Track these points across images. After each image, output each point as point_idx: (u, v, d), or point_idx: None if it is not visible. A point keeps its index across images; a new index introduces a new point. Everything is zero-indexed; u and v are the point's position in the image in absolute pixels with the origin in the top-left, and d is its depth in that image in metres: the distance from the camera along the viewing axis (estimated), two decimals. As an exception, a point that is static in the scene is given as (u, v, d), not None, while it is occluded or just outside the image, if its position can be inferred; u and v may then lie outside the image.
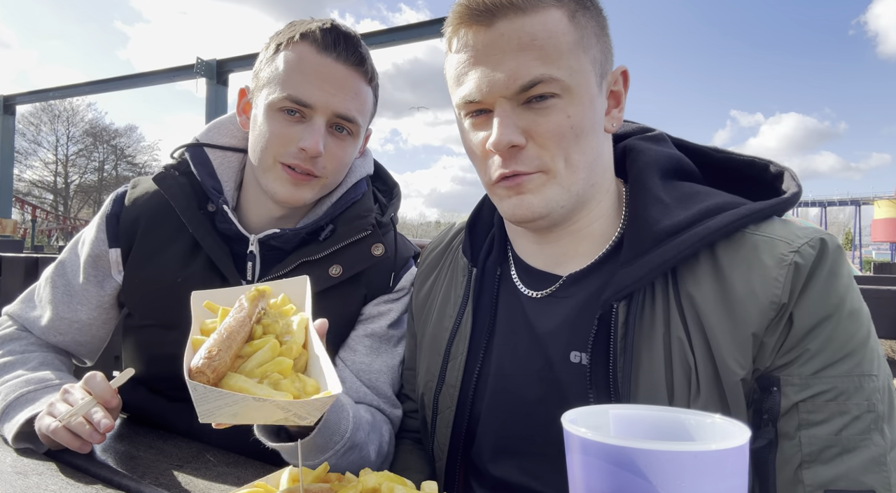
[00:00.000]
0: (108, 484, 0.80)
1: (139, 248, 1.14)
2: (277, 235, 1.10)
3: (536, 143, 0.77)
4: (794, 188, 0.80)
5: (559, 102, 0.75)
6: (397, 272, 1.15)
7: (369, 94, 1.10)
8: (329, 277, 1.09)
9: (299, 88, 1.02)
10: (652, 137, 0.91)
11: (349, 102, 1.05)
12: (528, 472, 0.85)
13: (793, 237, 0.73)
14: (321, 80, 1.03)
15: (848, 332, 0.70)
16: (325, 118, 1.04)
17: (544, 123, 0.76)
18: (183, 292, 1.04)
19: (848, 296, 0.71)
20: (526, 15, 0.74)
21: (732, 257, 0.74)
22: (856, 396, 0.68)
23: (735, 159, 0.88)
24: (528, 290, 0.89)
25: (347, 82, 1.05)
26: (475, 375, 0.90)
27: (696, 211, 0.77)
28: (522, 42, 0.74)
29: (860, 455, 0.67)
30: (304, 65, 1.03)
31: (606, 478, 0.42)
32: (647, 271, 0.75)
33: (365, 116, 1.10)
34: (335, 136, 1.07)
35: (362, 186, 1.19)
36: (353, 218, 1.13)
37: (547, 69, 0.74)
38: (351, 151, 1.11)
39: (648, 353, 0.74)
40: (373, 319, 1.15)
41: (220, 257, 1.10)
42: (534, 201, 0.79)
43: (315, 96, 1.02)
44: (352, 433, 0.89)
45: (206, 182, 1.13)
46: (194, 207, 1.12)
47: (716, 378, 0.71)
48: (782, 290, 0.70)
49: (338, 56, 1.03)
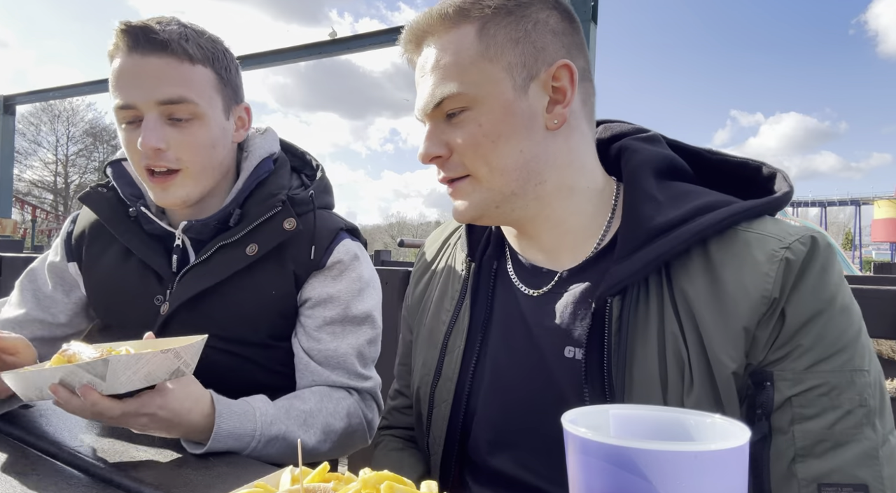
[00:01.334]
0: (108, 484, 0.80)
1: (86, 259, 1.26)
2: (190, 226, 1.17)
3: (458, 153, 0.84)
4: (785, 188, 0.81)
5: (470, 114, 0.81)
6: (321, 245, 1.19)
7: (199, 71, 1.10)
8: (247, 256, 1.16)
9: (121, 93, 1.07)
10: (646, 137, 0.92)
11: (169, 87, 1.07)
12: (523, 465, 0.86)
13: (784, 235, 0.74)
14: (135, 79, 1.07)
15: (839, 328, 0.71)
16: (153, 112, 1.07)
17: (460, 135, 0.82)
18: (125, 292, 1.21)
19: (839, 292, 0.72)
20: (441, 38, 0.82)
21: (724, 253, 0.75)
22: (848, 390, 0.69)
23: (728, 161, 0.90)
24: (523, 286, 0.91)
25: (161, 71, 1.07)
26: (472, 368, 0.91)
27: (688, 208, 0.78)
28: (433, 64, 0.83)
29: (852, 449, 0.68)
30: (120, 72, 1.08)
31: (606, 478, 0.42)
32: (640, 266, 0.76)
33: (202, 94, 1.10)
34: (175, 125, 1.10)
35: (267, 164, 1.24)
36: (264, 198, 1.19)
37: (448, 87, 0.81)
38: (203, 133, 1.12)
39: (643, 347, 0.76)
40: (325, 304, 1.19)
41: (149, 255, 1.19)
42: (462, 206, 0.86)
43: (133, 95, 1.07)
44: (262, 431, 0.99)
45: (124, 191, 1.23)
46: (122, 216, 1.22)
47: (708, 372, 0.72)
48: (773, 285, 0.71)
49: (143, 51, 1.06)
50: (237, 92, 1.20)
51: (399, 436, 1.08)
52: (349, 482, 0.62)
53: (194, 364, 0.90)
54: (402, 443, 1.06)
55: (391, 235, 50.74)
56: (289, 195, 1.20)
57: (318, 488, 0.62)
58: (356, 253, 1.23)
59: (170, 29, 1.07)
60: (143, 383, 0.83)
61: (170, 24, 1.09)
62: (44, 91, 7.18)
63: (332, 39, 5.42)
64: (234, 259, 1.15)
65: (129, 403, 0.84)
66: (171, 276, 1.19)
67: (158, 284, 1.19)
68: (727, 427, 0.48)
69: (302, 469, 0.63)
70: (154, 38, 1.05)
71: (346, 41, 5.63)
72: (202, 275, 1.16)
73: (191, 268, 1.17)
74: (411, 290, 1.09)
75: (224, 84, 1.15)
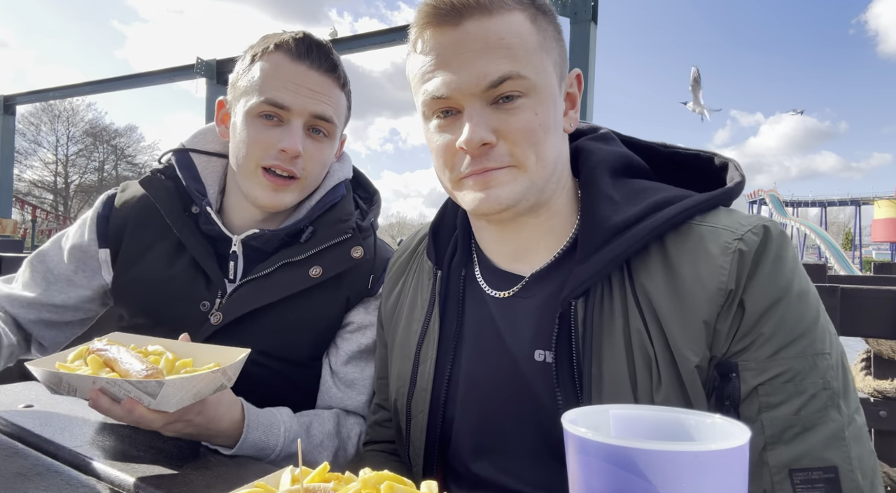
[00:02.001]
0: (108, 484, 0.80)
1: (127, 249, 1.19)
2: (258, 235, 1.15)
3: (507, 141, 0.79)
4: (737, 178, 0.83)
5: (527, 102, 0.78)
6: (376, 275, 1.20)
7: (343, 98, 1.16)
8: (309, 277, 1.14)
9: (276, 92, 1.07)
10: (601, 136, 0.93)
11: (324, 104, 1.10)
12: (504, 470, 0.86)
13: (737, 226, 0.75)
14: (297, 85, 1.08)
15: (798, 313, 0.72)
16: (302, 120, 1.09)
17: (514, 122, 0.78)
18: (169, 291, 1.16)
19: (795, 279, 0.73)
20: (492, 16, 0.77)
21: (680, 247, 0.76)
22: (811, 375, 0.70)
23: (681, 153, 0.92)
24: (492, 290, 0.90)
25: (322, 87, 1.11)
26: (446, 377, 0.91)
27: (644, 206, 0.79)
28: (490, 42, 0.76)
29: (819, 433, 0.69)
30: (279, 72, 1.08)
31: (606, 478, 0.42)
32: (600, 267, 0.77)
33: (340, 118, 1.16)
34: (312, 137, 1.12)
35: (341, 189, 1.23)
36: (335, 221, 1.18)
37: (515, 67, 0.76)
38: (328, 153, 1.16)
39: (610, 347, 0.77)
40: (363, 330, 1.20)
41: (204, 257, 1.15)
42: (501, 194, 0.81)
43: (291, 99, 1.08)
44: (284, 446, 1.02)
45: (189, 185, 1.18)
46: (179, 209, 1.18)
47: (674, 368, 0.73)
48: (728, 276, 0.72)
49: (311, 63, 1.09)
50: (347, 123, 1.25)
51: (382, 450, 1.08)
52: (349, 482, 0.62)
53: (235, 378, 0.90)
54: (384, 457, 1.06)
55: (391, 235, 50.74)
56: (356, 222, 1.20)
57: (318, 488, 0.62)
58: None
59: (335, 53, 1.14)
60: (192, 400, 0.84)
61: (328, 45, 1.14)
62: (44, 91, 7.18)
63: (332, 40, 5.41)
64: (297, 279, 1.13)
65: (171, 414, 0.85)
66: (222, 282, 1.15)
67: (207, 289, 1.15)
68: (727, 427, 0.48)
69: (302, 469, 0.63)
70: (329, 57, 1.11)
71: (347, 41, 5.64)
72: (261, 290, 1.13)
73: (249, 281, 1.14)
74: (384, 301, 1.08)
75: (348, 113, 1.21)
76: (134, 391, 0.80)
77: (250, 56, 1.13)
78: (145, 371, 0.82)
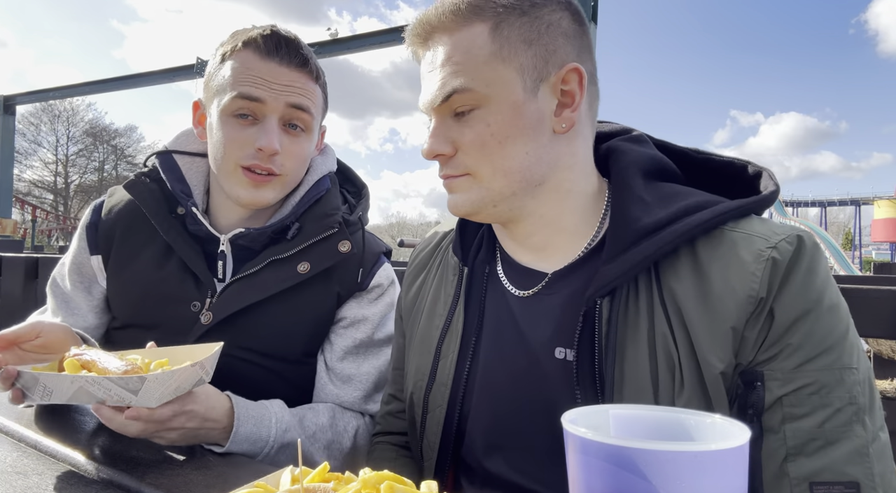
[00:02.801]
0: (107, 484, 0.80)
1: (117, 254, 1.21)
2: (244, 234, 1.15)
3: (463, 151, 0.83)
4: (771, 187, 0.82)
5: (479, 113, 0.81)
6: (366, 268, 1.20)
7: (318, 91, 1.15)
8: (298, 273, 1.14)
9: (248, 87, 1.07)
10: (634, 137, 0.93)
11: (300, 95, 1.10)
12: (517, 468, 0.86)
13: (770, 234, 0.74)
14: (268, 81, 1.08)
15: (828, 326, 0.71)
16: (277, 115, 1.09)
17: (467, 134, 0.82)
18: (160, 293, 1.17)
19: (826, 291, 0.73)
20: (452, 34, 0.81)
21: (711, 253, 0.76)
22: (837, 389, 0.69)
23: (714, 160, 0.91)
24: (514, 288, 0.91)
25: (295, 81, 1.10)
26: (465, 372, 0.91)
27: (675, 209, 0.79)
28: (443, 59, 0.82)
29: (843, 447, 0.68)
30: (250, 69, 1.07)
31: (606, 478, 0.42)
32: (628, 267, 0.77)
33: (317, 110, 1.15)
34: (289, 133, 1.12)
35: (325, 182, 1.23)
36: (321, 216, 1.18)
37: (458, 83, 0.80)
38: (307, 147, 1.15)
39: (633, 348, 0.76)
40: (357, 325, 1.20)
41: (192, 258, 1.16)
42: (458, 200, 0.86)
43: (264, 92, 1.07)
44: (276, 437, 1.02)
45: (174, 187, 1.18)
46: (165, 212, 1.18)
47: (698, 372, 0.73)
48: (759, 284, 0.71)
49: (281, 59, 1.08)
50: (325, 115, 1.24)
51: (392, 443, 1.08)
52: (349, 482, 0.62)
53: (212, 372, 0.91)
54: (394, 451, 1.06)
55: (391, 235, 50.74)
56: (343, 217, 1.20)
57: (318, 488, 0.62)
58: (393, 278, 1.26)
59: (305, 46, 1.13)
60: (173, 395, 0.85)
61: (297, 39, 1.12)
62: (44, 91, 7.19)
63: (332, 39, 5.41)
64: (285, 276, 1.14)
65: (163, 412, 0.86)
66: (211, 282, 1.16)
67: (197, 289, 1.16)
68: (727, 427, 0.48)
69: (302, 469, 0.63)
70: (299, 52, 1.10)
71: (346, 41, 5.65)
72: (250, 288, 1.13)
73: (238, 279, 1.14)
74: (404, 293, 1.09)
75: (325, 105, 1.20)
76: (115, 389, 0.80)
77: (220, 54, 1.12)
78: (125, 366, 0.83)
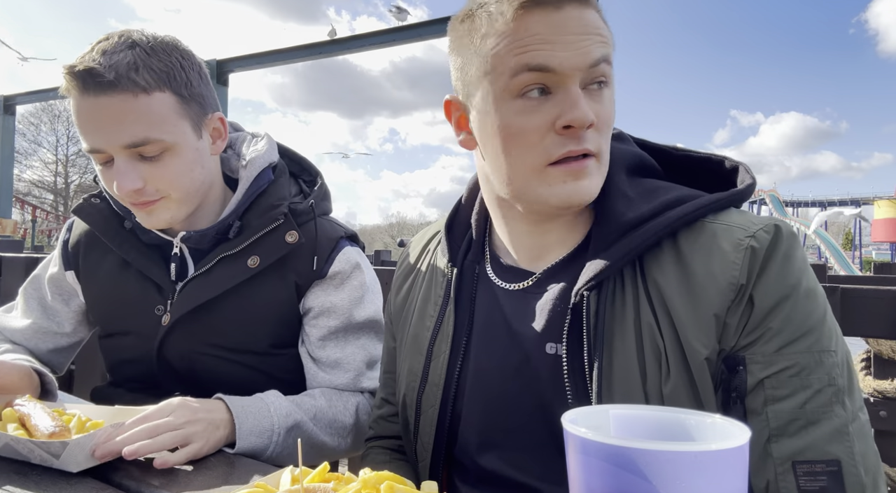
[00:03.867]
0: (107, 484, 0.80)
1: (84, 269, 1.26)
2: (188, 237, 1.16)
3: (597, 128, 0.79)
4: (748, 180, 0.85)
5: (607, 92, 0.80)
6: (321, 256, 1.19)
7: (157, 99, 1.03)
8: (248, 268, 1.15)
9: (85, 137, 1.05)
10: (615, 135, 0.93)
11: (129, 129, 1.02)
12: (511, 464, 0.87)
13: (748, 224, 0.77)
14: (93, 122, 1.03)
15: (805, 310, 0.74)
16: (121, 155, 1.04)
17: (603, 109, 0.79)
18: (126, 302, 1.21)
19: (804, 277, 0.75)
20: (586, 6, 0.77)
21: (693, 244, 0.78)
22: (816, 370, 0.72)
23: (692, 156, 0.93)
24: (502, 282, 0.92)
25: (115, 111, 1.01)
26: (457, 372, 0.92)
27: (657, 203, 0.81)
28: (589, 28, 0.77)
29: (824, 427, 0.70)
30: (77, 113, 1.05)
31: (606, 478, 0.42)
32: (614, 261, 0.78)
33: (164, 124, 1.04)
34: (147, 160, 1.06)
35: (267, 174, 1.22)
36: (266, 209, 1.18)
37: (606, 51, 0.78)
38: (177, 164, 1.08)
39: (621, 339, 0.78)
40: (328, 313, 1.20)
41: (147, 266, 1.18)
42: (591, 186, 0.81)
43: (97, 140, 1.04)
44: (279, 423, 1.03)
45: (117, 203, 1.20)
46: (116, 227, 1.21)
47: (683, 360, 0.75)
48: (739, 272, 0.74)
49: (96, 92, 1.01)
50: (204, 104, 1.12)
51: (386, 447, 1.08)
52: (349, 482, 0.63)
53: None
54: (388, 455, 1.06)
55: (391, 235, 50.74)
56: (290, 207, 1.19)
57: (318, 488, 0.62)
58: (357, 261, 1.24)
59: (116, 60, 1.00)
60: (96, 461, 0.83)
61: (116, 51, 1.01)
62: (44, 91, 7.17)
63: (331, 39, 5.40)
64: (236, 271, 1.15)
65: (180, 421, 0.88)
66: (170, 285, 1.18)
67: (158, 293, 1.19)
68: (727, 427, 0.48)
69: (302, 469, 0.63)
70: (101, 80, 0.99)
71: (346, 41, 5.65)
72: (203, 286, 1.15)
73: (192, 279, 1.16)
74: (393, 295, 1.09)
75: (187, 103, 1.08)
76: (37, 451, 0.81)
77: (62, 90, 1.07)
78: (54, 428, 0.85)
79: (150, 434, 0.86)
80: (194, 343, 1.17)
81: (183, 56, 1.09)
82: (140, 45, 1.03)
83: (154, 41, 1.06)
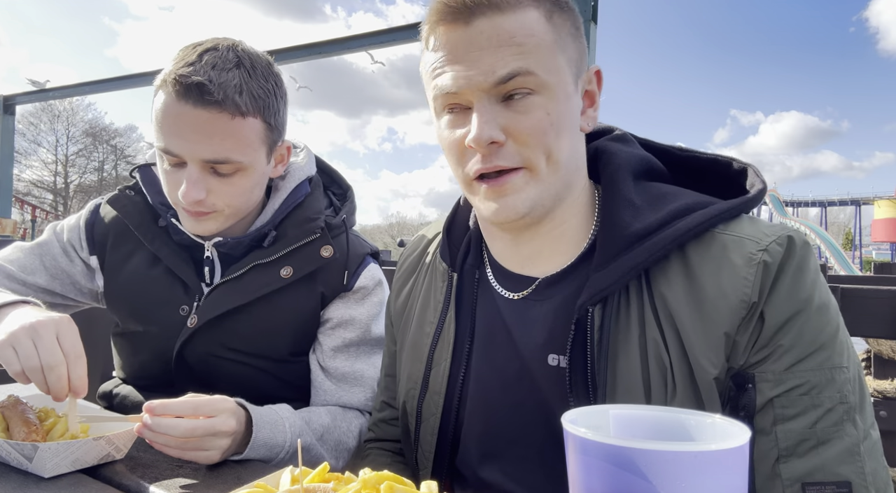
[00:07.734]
0: (107, 484, 0.80)
1: (110, 260, 1.24)
2: (222, 242, 1.16)
3: (517, 140, 0.77)
4: (759, 185, 0.82)
5: (537, 99, 0.76)
6: (351, 270, 1.20)
7: (246, 125, 1.05)
8: (280, 278, 1.16)
9: (166, 138, 1.04)
10: (620, 137, 0.92)
11: (216, 146, 1.04)
12: (511, 476, 0.85)
13: (761, 236, 0.74)
14: (182, 129, 1.03)
15: (818, 326, 0.71)
16: (196, 165, 1.05)
17: (524, 120, 0.76)
18: (151, 297, 1.20)
19: (816, 291, 0.72)
20: (504, 14, 0.75)
21: (702, 256, 0.75)
22: (828, 388, 0.69)
23: (698, 157, 0.90)
24: (504, 290, 0.89)
25: (210, 127, 1.02)
26: (459, 380, 0.90)
27: (665, 213, 0.78)
28: (501, 39, 0.74)
29: (835, 447, 0.68)
30: (167, 114, 1.04)
31: (606, 478, 0.42)
32: (619, 275, 0.76)
33: (247, 148, 1.07)
34: (218, 175, 1.07)
35: (304, 187, 1.23)
36: (302, 221, 1.18)
37: (524, 64, 0.74)
38: (244, 183, 1.10)
39: (625, 354, 0.76)
40: (345, 325, 1.21)
41: (178, 265, 1.18)
42: (516, 202, 0.79)
43: (180, 147, 1.04)
44: (291, 443, 1.01)
45: (153, 199, 1.21)
46: (149, 222, 1.21)
47: (690, 377, 0.73)
48: (752, 289, 0.71)
49: (195, 103, 1.01)
50: (283, 132, 1.16)
51: (387, 449, 1.07)
52: (349, 482, 0.62)
53: (126, 449, 0.89)
54: (389, 457, 1.05)
55: (391, 235, 50.74)
56: (325, 221, 1.20)
57: (318, 488, 0.62)
58: (380, 278, 1.26)
59: (225, 79, 1.01)
60: (70, 468, 0.83)
61: (225, 68, 1.02)
62: (44, 91, 7.16)
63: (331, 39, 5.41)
64: (268, 280, 1.15)
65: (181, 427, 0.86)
66: (198, 287, 1.18)
67: (185, 293, 1.18)
68: (727, 427, 0.48)
69: (302, 469, 0.63)
70: (209, 98, 1.00)
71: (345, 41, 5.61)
72: (233, 292, 1.15)
73: (222, 284, 1.16)
74: (393, 298, 1.07)
75: (271, 130, 1.11)
76: (13, 452, 0.81)
77: (156, 84, 1.08)
78: (29, 433, 0.85)
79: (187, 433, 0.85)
80: (216, 346, 1.16)
81: (277, 82, 1.11)
82: (244, 64, 1.05)
83: (254, 60, 1.08)
